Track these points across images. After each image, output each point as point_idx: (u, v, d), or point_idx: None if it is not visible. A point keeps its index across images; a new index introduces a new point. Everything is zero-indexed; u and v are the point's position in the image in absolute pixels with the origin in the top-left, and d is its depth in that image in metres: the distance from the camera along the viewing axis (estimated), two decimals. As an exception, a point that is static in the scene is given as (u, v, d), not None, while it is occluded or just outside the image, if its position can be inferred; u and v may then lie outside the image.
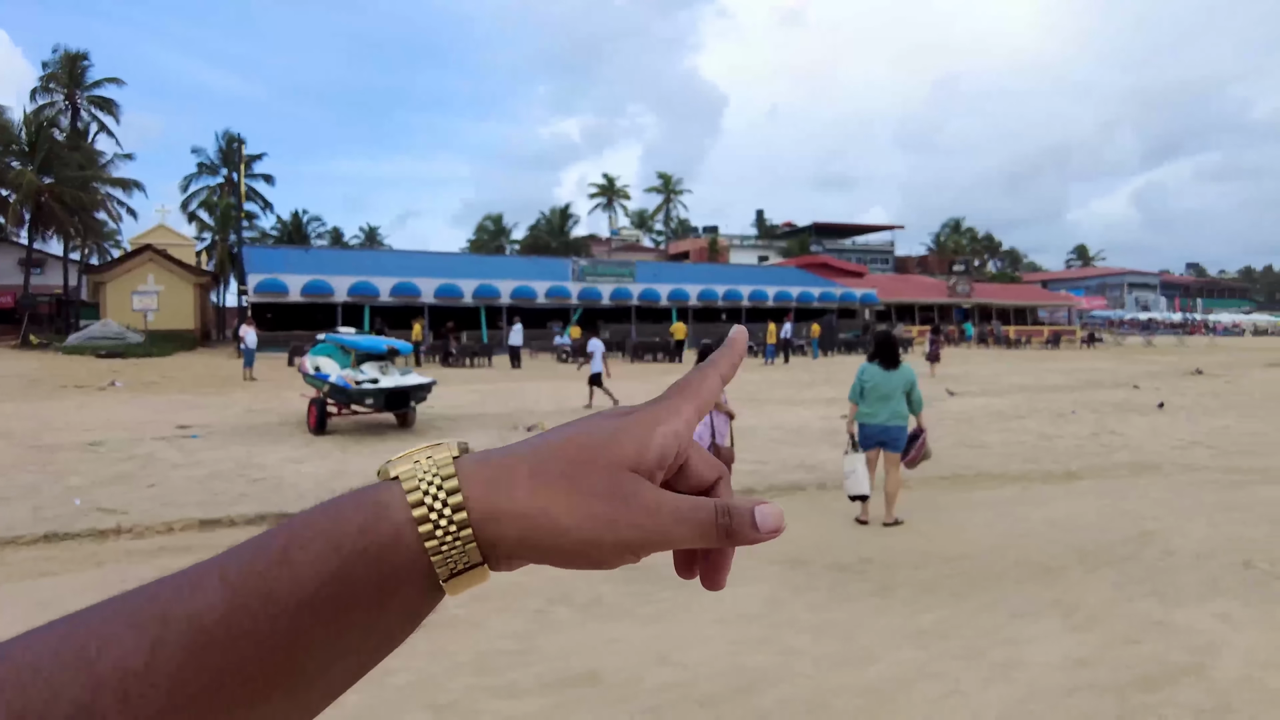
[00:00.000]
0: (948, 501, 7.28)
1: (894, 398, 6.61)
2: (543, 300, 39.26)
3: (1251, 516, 6.48)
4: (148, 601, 0.33)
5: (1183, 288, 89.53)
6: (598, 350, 15.06)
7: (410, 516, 0.36)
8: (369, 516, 0.36)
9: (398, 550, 0.35)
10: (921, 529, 6.33)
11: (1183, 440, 10.46)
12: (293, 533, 0.35)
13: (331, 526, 0.35)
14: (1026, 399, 15.59)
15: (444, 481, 0.36)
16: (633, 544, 0.37)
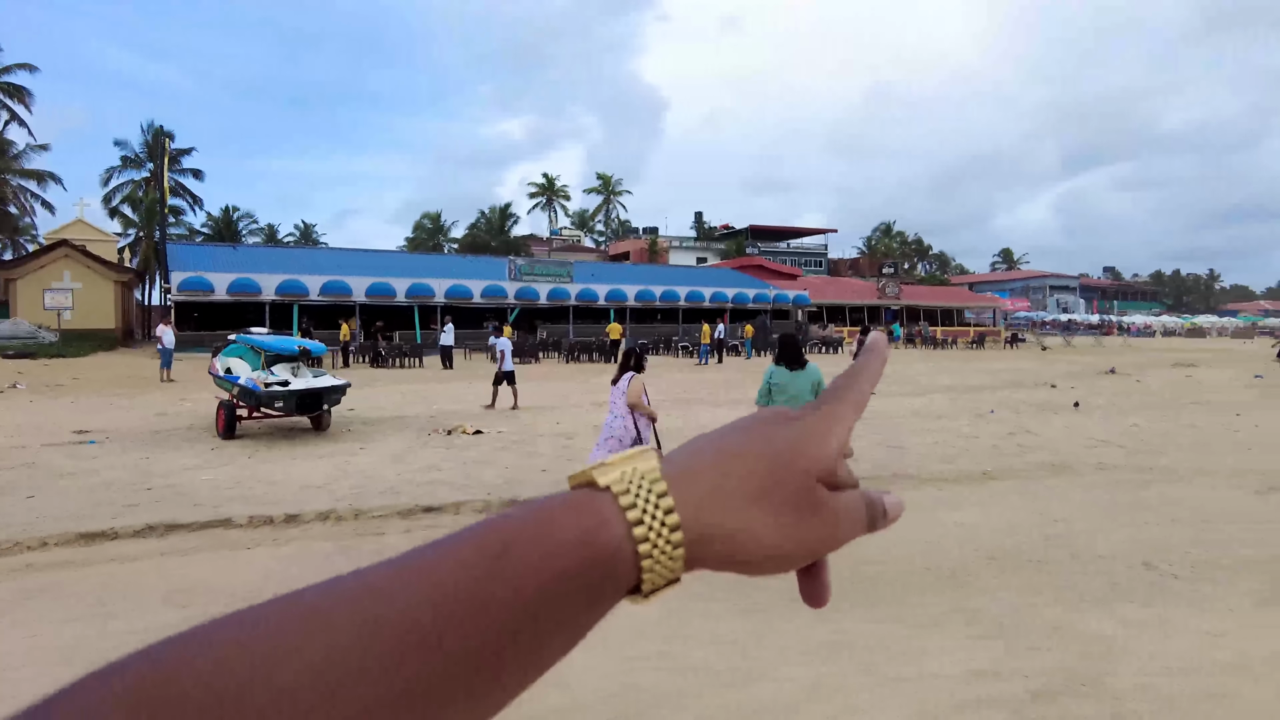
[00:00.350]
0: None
1: (801, 398, 6.57)
2: (479, 300, 38.62)
3: (1155, 516, 6.61)
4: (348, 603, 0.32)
5: (1100, 290, 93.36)
6: (506, 349, 14.85)
7: (629, 533, 0.36)
8: (588, 529, 0.36)
9: (615, 565, 0.36)
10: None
11: (1095, 439, 10.73)
12: (505, 538, 0.35)
13: (546, 535, 0.35)
14: (948, 399, 15.89)
15: (660, 500, 0.37)
16: (820, 552, 0.41)
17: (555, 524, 0.36)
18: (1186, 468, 8.82)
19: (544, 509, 0.37)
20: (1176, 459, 9.35)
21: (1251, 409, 14.19)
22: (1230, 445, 10.34)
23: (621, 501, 0.37)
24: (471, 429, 11.72)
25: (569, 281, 40.72)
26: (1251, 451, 9.79)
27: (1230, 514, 6.65)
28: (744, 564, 0.39)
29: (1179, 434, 11.26)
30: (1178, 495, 7.43)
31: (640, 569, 0.36)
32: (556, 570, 0.34)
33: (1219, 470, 8.65)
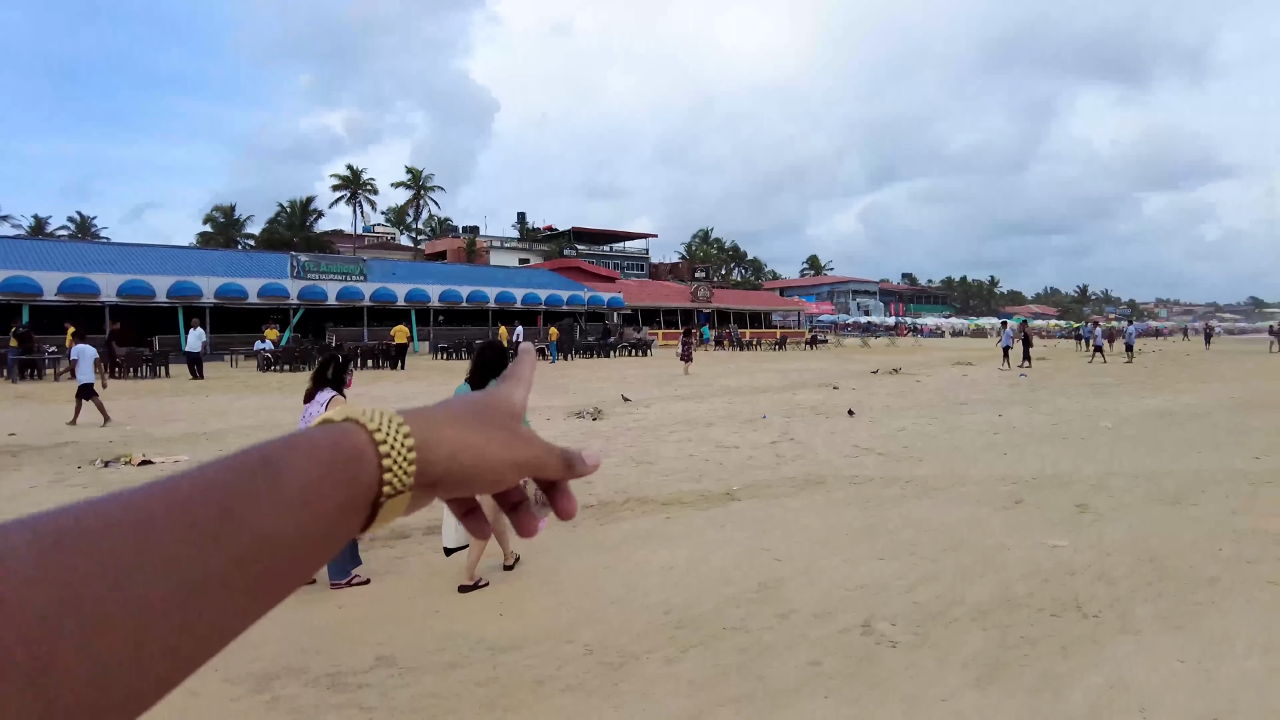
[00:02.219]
0: (573, 542, 5.79)
1: None
2: (255, 300, 34.51)
3: (893, 547, 5.60)
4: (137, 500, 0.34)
5: (898, 295, 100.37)
6: (84, 358, 12.44)
7: (371, 438, 0.43)
8: (339, 436, 0.42)
9: (363, 462, 0.42)
10: (502, 594, 4.73)
11: (857, 446, 10.00)
12: (269, 447, 0.40)
13: (306, 442, 0.40)
14: (726, 403, 15.05)
15: (393, 419, 0.44)
16: (524, 463, 0.50)
17: (311, 434, 0.41)
18: (942, 477, 8.11)
19: (297, 432, 0.42)
20: (934, 467, 8.67)
21: (1011, 406, 14.32)
22: (987, 448, 9.91)
23: (361, 420, 0.43)
24: (139, 458, 9.30)
25: (362, 280, 37.43)
26: (1006, 456, 9.34)
27: (972, 540, 5.76)
28: (468, 471, 0.46)
29: (943, 438, 10.81)
30: (925, 514, 6.55)
31: (382, 468, 0.42)
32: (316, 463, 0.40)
33: (973, 479, 7.99)
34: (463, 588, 4.83)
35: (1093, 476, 8.03)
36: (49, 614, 0.29)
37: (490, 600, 4.62)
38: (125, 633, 0.31)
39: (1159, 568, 4.99)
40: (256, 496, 0.37)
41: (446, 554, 5.01)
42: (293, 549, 0.38)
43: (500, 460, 0.48)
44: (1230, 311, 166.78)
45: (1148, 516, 6.36)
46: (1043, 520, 6.27)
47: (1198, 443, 10.19)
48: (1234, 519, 6.25)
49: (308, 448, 0.40)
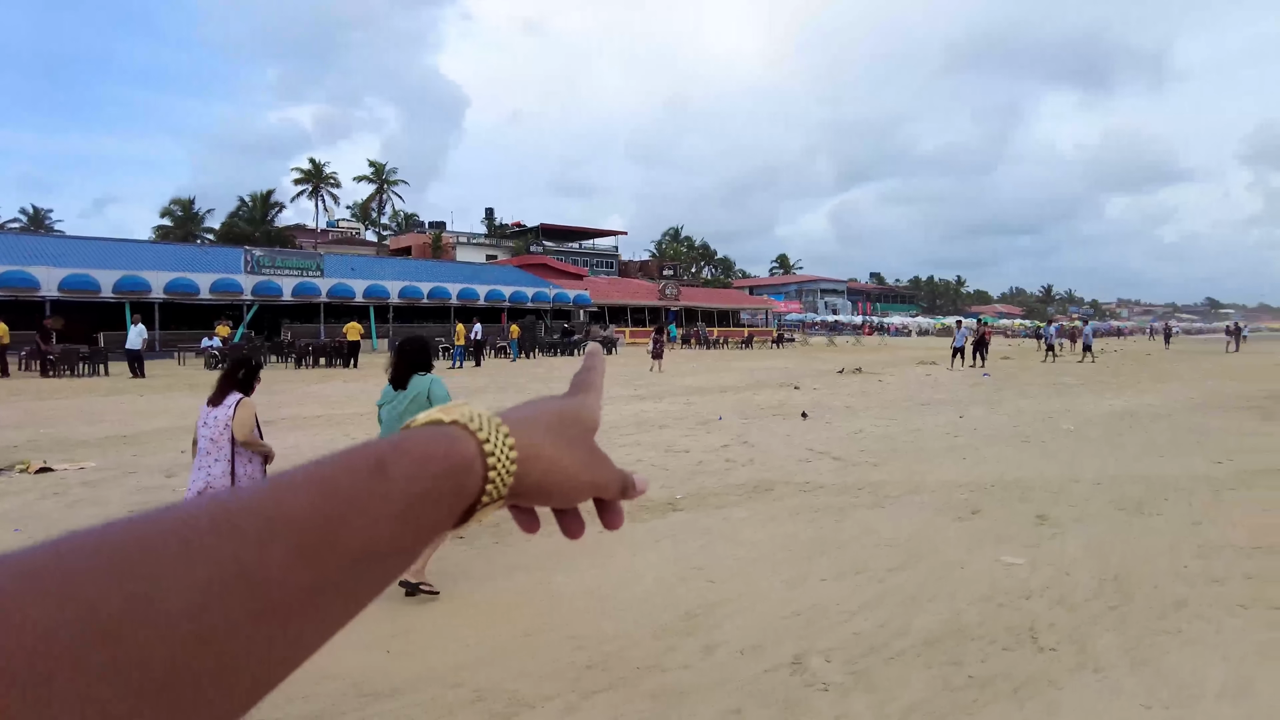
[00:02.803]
0: (494, 560, 5.26)
1: (404, 415, 4.68)
2: (207, 295, 33.44)
3: (837, 564, 5.15)
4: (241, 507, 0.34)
5: (866, 294, 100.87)
6: None
7: (480, 449, 0.44)
8: (450, 445, 0.43)
9: (471, 474, 0.43)
10: (401, 625, 4.19)
11: (812, 450, 9.57)
12: (381, 451, 0.40)
13: (418, 449, 0.41)
14: (684, 403, 14.59)
15: (499, 427, 0.45)
16: (599, 485, 0.53)
17: (422, 440, 0.42)
18: (898, 483, 7.70)
19: (410, 434, 0.43)
20: (890, 472, 8.27)
21: (973, 407, 14.03)
22: (947, 451, 9.55)
23: (471, 427, 0.44)
24: (38, 465, 8.59)
25: (318, 275, 36.47)
26: (965, 460, 8.97)
27: (924, 556, 5.33)
28: (552, 488, 0.49)
29: (902, 440, 10.43)
30: (876, 526, 6.12)
31: (486, 479, 0.43)
32: (428, 480, 0.40)
33: (930, 485, 7.60)
34: (405, 584, 4.51)
35: (1054, 482, 7.67)
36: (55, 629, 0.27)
37: (382, 633, 4.08)
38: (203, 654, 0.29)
39: (1122, 588, 4.59)
40: (369, 504, 0.37)
41: None
42: (389, 557, 0.38)
43: (583, 482, 0.51)
44: (1188, 312, 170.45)
45: (1109, 528, 5.99)
46: (1000, 533, 5.87)
47: (1159, 445, 9.91)
48: (1198, 530, 5.89)
49: (420, 455, 0.41)
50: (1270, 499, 6.98)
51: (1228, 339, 40.84)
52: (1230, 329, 43.12)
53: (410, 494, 0.39)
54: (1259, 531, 5.85)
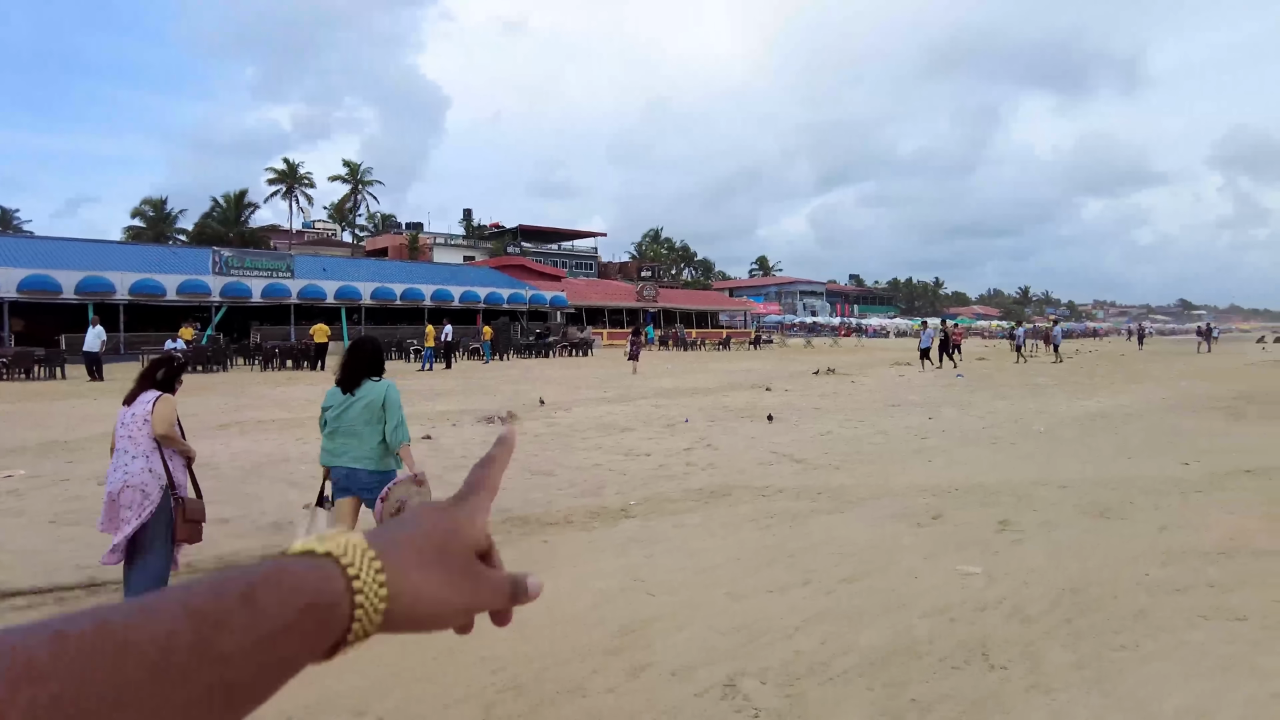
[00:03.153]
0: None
1: (360, 432, 4.53)
2: (174, 297, 32.74)
3: (786, 575, 4.88)
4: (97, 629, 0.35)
5: (844, 295, 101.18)
6: None
7: (348, 585, 0.44)
8: (321, 578, 0.43)
9: (337, 611, 0.43)
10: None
11: (775, 453, 9.33)
12: (252, 581, 0.41)
13: (289, 582, 0.42)
14: (652, 405, 14.32)
15: (372, 563, 0.45)
16: (474, 610, 0.51)
17: (293, 573, 0.42)
18: (860, 488, 7.47)
19: (282, 563, 0.43)
20: (853, 476, 8.04)
21: (944, 408, 13.87)
22: (914, 453, 9.34)
23: (342, 561, 0.44)
24: None
25: (289, 277, 35.84)
26: (932, 463, 8.77)
27: (878, 566, 5.08)
28: (423, 618, 0.48)
29: (868, 442, 10.22)
30: (832, 533, 5.87)
31: (353, 617, 0.44)
32: (294, 612, 0.41)
33: (892, 489, 7.37)
34: None
35: (1020, 486, 7.47)
36: None
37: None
38: None
39: (1080, 600, 4.36)
40: (233, 632, 0.37)
41: None
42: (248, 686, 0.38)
43: (456, 608, 0.50)
44: (1162, 313, 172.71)
45: (1073, 534, 5.78)
46: (960, 540, 5.63)
47: (1130, 447, 9.76)
48: (1164, 535, 5.69)
49: (290, 588, 0.41)
50: (1237, 500, 6.81)
51: (1199, 340, 41.19)
52: (1201, 330, 43.52)
53: (275, 627, 0.39)
54: (1224, 535, 5.66)
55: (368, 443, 4.51)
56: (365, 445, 4.51)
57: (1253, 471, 8.11)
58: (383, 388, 4.58)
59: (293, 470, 8.44)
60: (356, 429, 4.52)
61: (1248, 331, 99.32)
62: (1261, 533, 5.71)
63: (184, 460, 4.55)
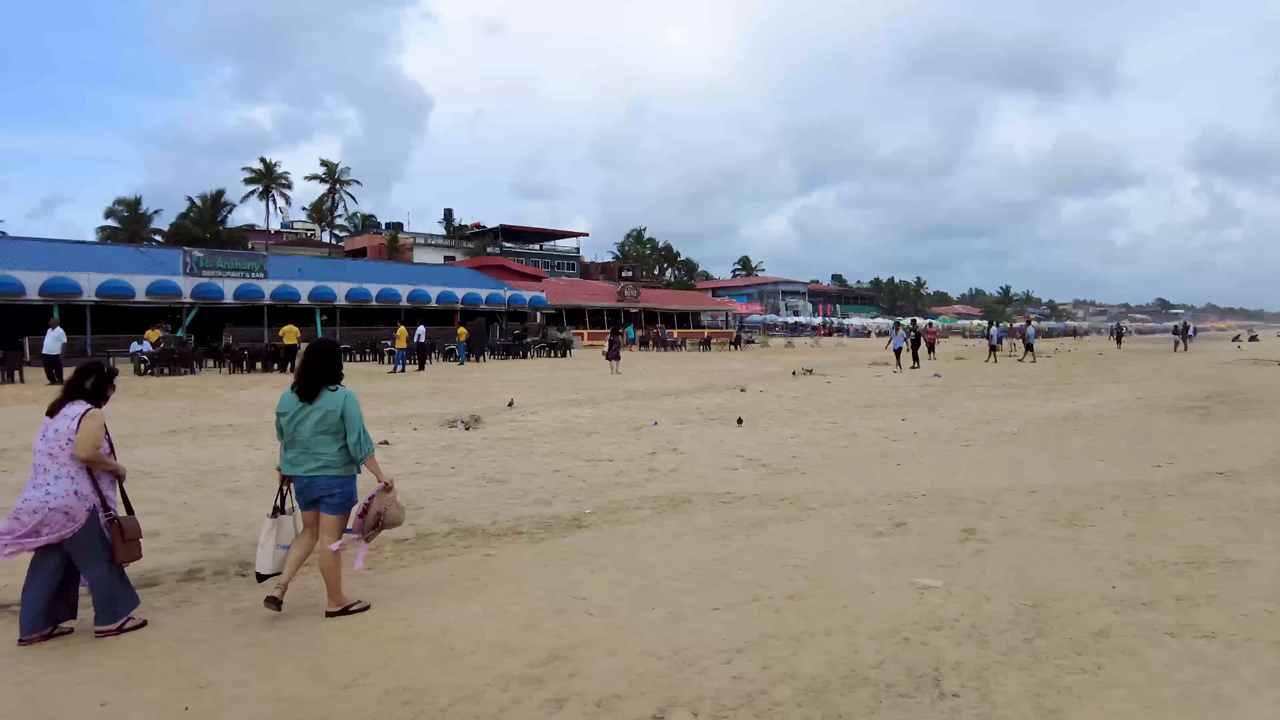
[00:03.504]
0: (351, 592, 4.63)
1: (319, 442, 4.32)
2: (143, 298, 32.03)
3: (733, 591, 4.61)
4: None
5: (826, 295, 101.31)
6: None
7: None
8: None
9: None
10: (224, 669, 3.56)
11: (741, 457, 9.08)
12: None
13: None
14: (622, 408, 14.04)
15: None
16: None
17: None
18: (822, 494, 7.22)
19: None
20: (817, 481, 7.79)
21: (917, 410, 13.68)
22: (882, 457, 9.12)
23: None
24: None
25: (262, 277, 35.23)
26: (899, 467, 8.54)
27: (832, 580, 4.82)
28: None
29: (837, 445, 9.98)
30: (788, 543, 5.61)
31: None
32: None
33: (855, 496, 7.13)
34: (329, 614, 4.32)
35: (987, 492, 7.25)
36: None
37: (183, 687, 3.45)
38: None
39: (1041, 617, 4.12)
40: None
41: (259, 579, 4.44)
42: None
43: None
44: (1140, 312, 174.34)
45: (1038, 544, 5.55)
46: (921, 550, 5.39)
47: (1101, 449, 9.59)
48: (1130, 544, 5.47)
49: None
50: (1207, 506, 6.61)
51: (1176, 339, 41.41)
52: (1177, 329, 43.77)
53: None
54: (1194, 544, 5.45)
55: (328, 451, 4.32)
56: (326, 453, 4.32)
57: (1224, 474, 7.94)
58: (340, 398, 4.35)
59: (238, 479, 8.09)
60: (315, 439, 4.31)
61: (1224, 330, 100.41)
62: (1231, 541, 5.51)
63: (112, 479, 4.26)
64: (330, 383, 4.38)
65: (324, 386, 4.35)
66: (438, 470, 8.41)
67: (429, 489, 7.51)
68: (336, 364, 4.50)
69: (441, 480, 7.93)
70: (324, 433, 4.29)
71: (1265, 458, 8.88)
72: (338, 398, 4.33)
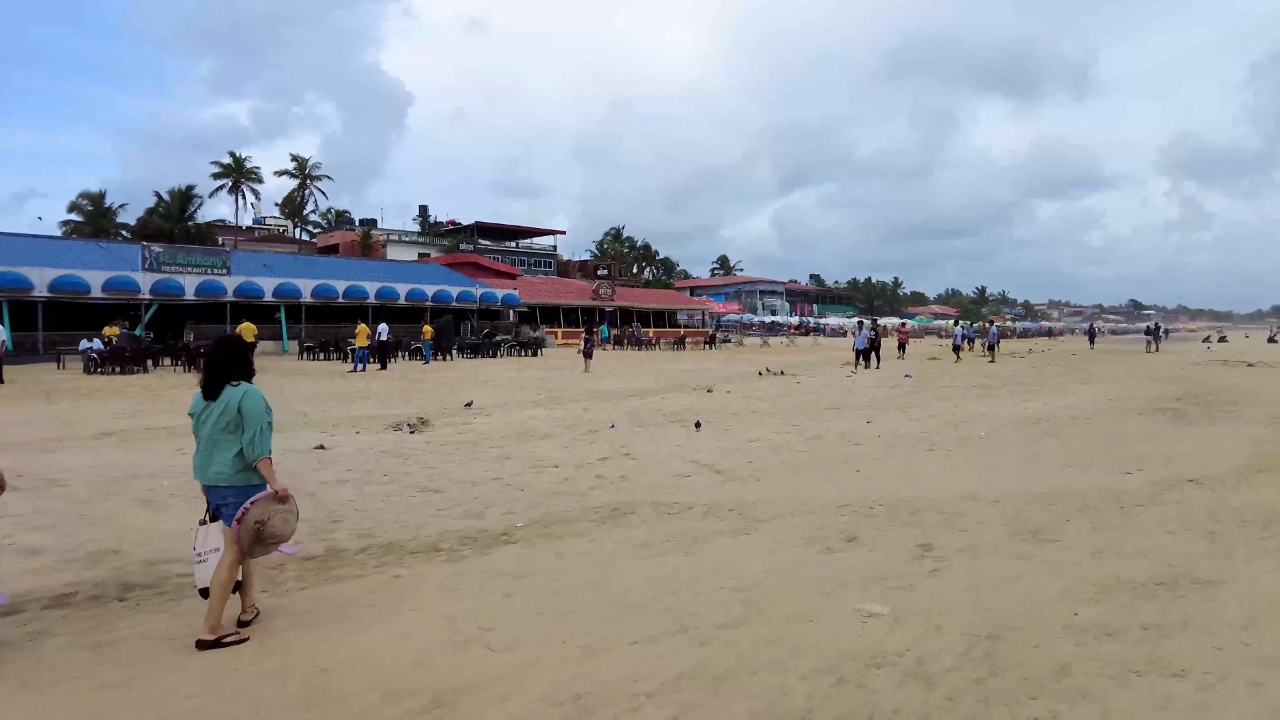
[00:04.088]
0: (230, 622, 4.12)
1: (219, 443, 4.02)
2: (99, 294, 31.10)
3: (659, 619, 4.14)
4: None
5: (804, 295, 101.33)
6: None
7: None
8: None
9: None
10: (70, 711, 3.04)
11: (696, 463, 8.63)
12: None
13: None
14: (583, 409, 13.55)
15: None
16: None
17: None
18: (775, 503, 6.78)
19: None
20: (771, 489, 7.35)
21: (885, 411, 13.31)
22: (843, 462, 8.70)
23: None
24: None
25: (224, 273, 34.35)
26: (860, 473, 8.13)
27: (770, 605, 4.37)
28: None
29: (798, 449, 9.56)
30: (729, 561, 5.16)
31: None
32: None
33: (810, 505, 6.69)
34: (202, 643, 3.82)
35: (950, 501, 6.85)
36: None
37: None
38: None
39: (996, 651, 3.69)
40: None
41: (203, 596, 4.02)
42: None
43: None
44: (1113, 313, 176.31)
45: (1000, 560, 5.13)
46: (872, 570, 4.95)
47: (1072, 453, 9.23)
48: (1097, 563, 5.07)
49: None
50: (1179, 517, 6.24)
51: (1148, 339, 41.56)
52: (1150, 330, 43.96)
53: None
54: (1164, 561, 5.07)
55: (226, 454, 3.98)
56: (224, 457, 3.98)
57: (1196, 481, 7.60)
58: (239, 394, 4.02)
59: (153, 487, 7.51)
60: (215, 439, 3.99)
61: (1194, 331, 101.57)
62: (1203, 558, 5.12)
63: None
64: (234, 378, 4.06)
65: (227, 382, 4.03)
66: (370, 478, 7.89)
67: (354, 499, 6.99)
68: (241, 358, 4.16)
69: (371, 489, 7.41)
70: (224, 431, 3.96)
71: (1236, 462, 8.56)
72: (237, 393, 4.00)
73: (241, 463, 3.97)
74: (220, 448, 3.99)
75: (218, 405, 3.99)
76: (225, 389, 4.02)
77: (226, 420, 3.96)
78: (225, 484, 3.98)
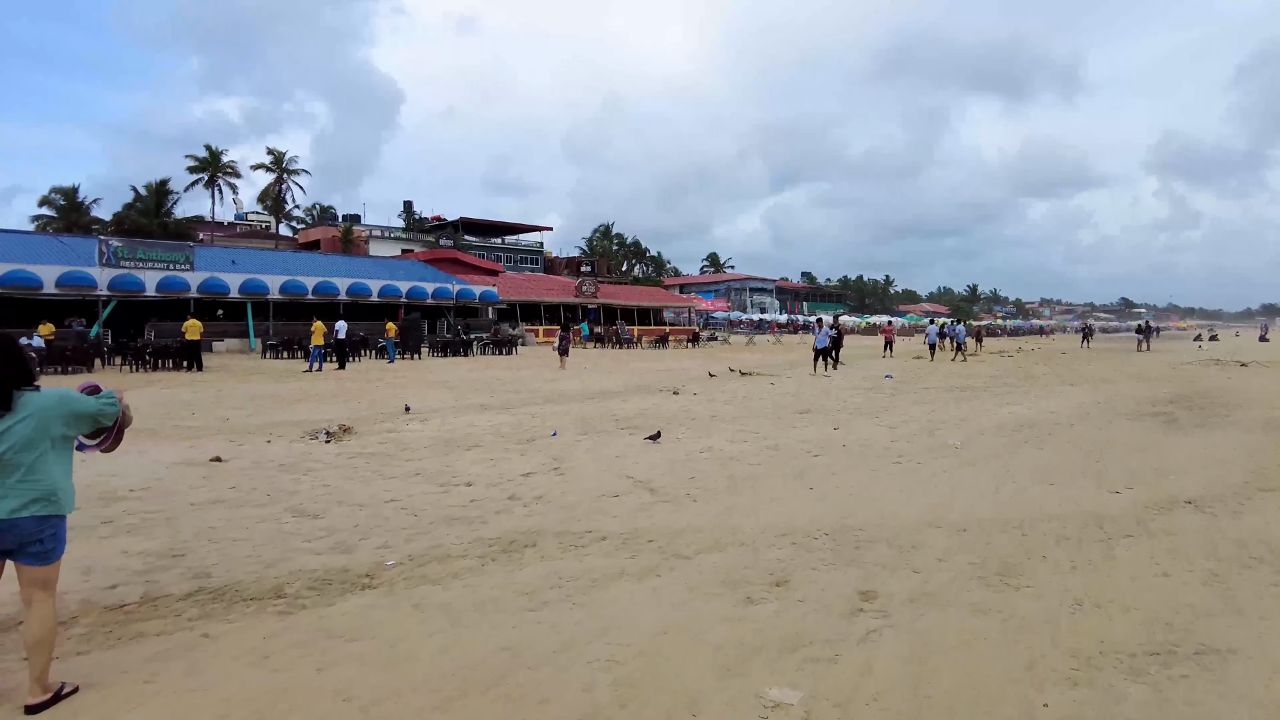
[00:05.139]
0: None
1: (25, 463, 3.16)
2: (53, 290, 29.91)
3: (501, 708, 3.15)
4: None
5: (794, 293, 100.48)
6: None
7: None
8: None
9: None
10: None
11: (631, 479, 7.63)
12: None
13: None
14: (530, 414, 12.52)
15: None
16: None
17: None
18: (703, 532, 5.80)
19: None
20: (705, 514, 6.36)
21: (856, 417, 12.34)
22: (797, 477, 7.73)
23: None
24: None
25: (188, 269, 33.17)
26: (811, 493, 7.15)
27: (647, 686, 3.37)
28: None
29: (749, 463, 8.57)
30: (621, 616, 4.16)
31: None
32: None
33: (741, 536, 5.71)
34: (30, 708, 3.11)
35: (907, 528, 5.87)
36: None
37: None
38: None
39: (929, 769, 2.71)
40: None
41: None
42: None
43: None
44: (1104, 311, 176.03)
45: (953, 617, 4.15)
46: (792, 630, 3.96)
47: (1053, 467, 8.28)
48: (1075, 619, 4.10)
49: None
50: (1173, 551, 5.29)
51: (1139, 338, 40.77)
52: (1140, 328, 43.17)
53: None
54: (1157, 616, 4.10)
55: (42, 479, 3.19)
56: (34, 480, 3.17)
57: (1193, 503, 6.65)
58: (55, 396, 3.27)
59: None
60: (23, 458, 3.16)
61: (1185, 330, 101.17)
62: (1205, 615, 4.15)
63: None
64: (19, 385, 3.22)
65: (15, 390, 3.20)
66: (250, 498, 6.87)
67: (218, 525, 5.97)
68: (20, 362, 3.24)
69: (244, 512, 6.39)
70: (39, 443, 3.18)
71: (1237, 479, 7.62)
72: (49, 397, 3.24)
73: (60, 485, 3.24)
74: (35, 472, 3.18)
75: (20, 415, 3.14)
76: (24, 397, 3.18)
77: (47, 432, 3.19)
78: (36, 518, 3.16)
